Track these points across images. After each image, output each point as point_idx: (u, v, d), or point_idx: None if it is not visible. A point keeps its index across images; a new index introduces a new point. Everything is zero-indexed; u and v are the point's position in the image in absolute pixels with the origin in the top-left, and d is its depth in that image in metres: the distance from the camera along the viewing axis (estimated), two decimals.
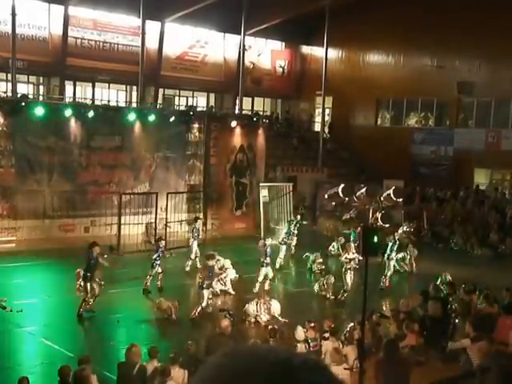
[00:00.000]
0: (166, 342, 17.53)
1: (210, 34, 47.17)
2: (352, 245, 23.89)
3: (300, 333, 16.06)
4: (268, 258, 23.56)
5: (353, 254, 23.28)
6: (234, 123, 36.47)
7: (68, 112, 30.83)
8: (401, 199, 16.38)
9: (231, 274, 23.71)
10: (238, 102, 44.97)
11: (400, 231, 27.59)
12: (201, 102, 49.26)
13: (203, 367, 1.63)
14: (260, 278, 23.25)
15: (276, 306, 20.55)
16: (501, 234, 34.63)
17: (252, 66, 49.42)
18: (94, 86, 44.43)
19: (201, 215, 31.28)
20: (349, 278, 23.21)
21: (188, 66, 46.65)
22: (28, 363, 16.46)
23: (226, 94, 49.49)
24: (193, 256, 26.85)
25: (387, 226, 15.69)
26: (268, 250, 23.54)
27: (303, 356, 1.62)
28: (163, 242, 24.19)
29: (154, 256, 23.33)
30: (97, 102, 41.38)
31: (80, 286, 20.96)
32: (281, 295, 23.76)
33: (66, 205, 31.09)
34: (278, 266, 26.98)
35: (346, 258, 23.54)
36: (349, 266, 23.28)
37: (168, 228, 31.10)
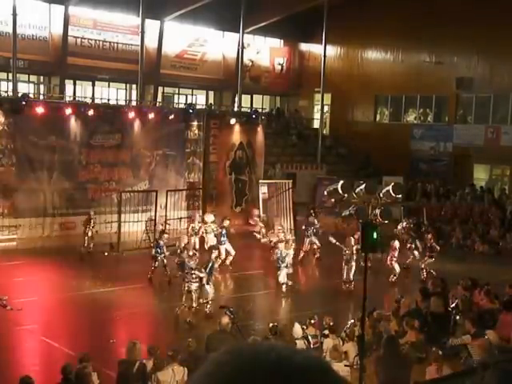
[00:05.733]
0: (167, 340, 17.55)
1: (209, 32, 47.08)
2: (352, 239, 23.90)
3: (298, 330, 16.07)
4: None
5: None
6: (233, 120, 36.52)
7: (68, 111, 30.99)
8: (400, 195, 16.40)
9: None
10: (236, 99, 44.99)
11: (399, 227, 27.64)
12: (200, 99, 49.24)
13: (204, 364, 1.61)
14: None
15: None
16: (501, 230, 34.63)
17: (251, 63, 49.41)
18: (93, 85, 44.42)
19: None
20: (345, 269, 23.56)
21: (187, 65, 46.64)
22: (28, 361, 16.50)
23: (225, 92, 49.51)
24: (223, 256, 26.58)
25: (386, 222, 15.69)
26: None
27: (305, 353, 1.60)
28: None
29: None
30: (97, 101, 41.46)
31: None
32: (280, 292, 23.76)
33: (66, 203, 31.23)
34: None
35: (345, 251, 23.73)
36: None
37: (168, 225, 31.14)
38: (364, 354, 13.32)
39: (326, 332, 15.74)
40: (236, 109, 43.40)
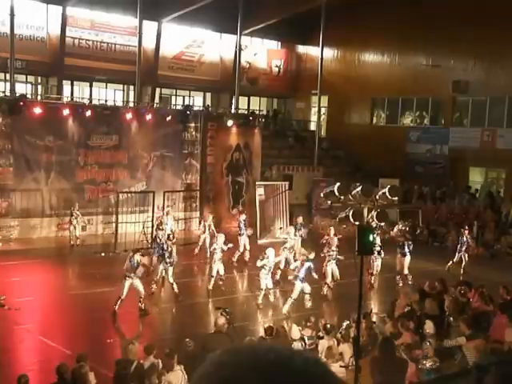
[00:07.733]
0: (163, 339, 17.60)
1: (207, 33, 47.16)
2: (335, 239, 24.02)
3: (296, 331, 16.14)
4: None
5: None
6: (230, 122, 36.59)
7: (66, 111, 31.01)
8: (396, 198, 16.47)
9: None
10: (234, 101, 45.04)
11: (395, 230, 27.70)
12: (197, 101, 49.31)
13: (203, 364, 1.64)
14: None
15: None
16: (496, 233, 34.72)
17: (248, 65, 49.47)
18: (91, 86, 44.46)
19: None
20: (329, 270, 23.55)
21: (185, 66, 46.69)
22: (26, 361, 16.56)
23: (222, 94, 49.55)
24: (241, 249, 27.70)
25: (382, 224, 15.77)
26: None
27: (303, 354, 1.64)
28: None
29: None
30: (94, 102, 41.45)
31: None
32: (279, 293, 23.82)
33: (63, 203, 31.25)
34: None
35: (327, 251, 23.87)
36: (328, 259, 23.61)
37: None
38: (359, 355, 13.39)
39: (322, 334, 15.81)
40: (233, 110, 43.44)
